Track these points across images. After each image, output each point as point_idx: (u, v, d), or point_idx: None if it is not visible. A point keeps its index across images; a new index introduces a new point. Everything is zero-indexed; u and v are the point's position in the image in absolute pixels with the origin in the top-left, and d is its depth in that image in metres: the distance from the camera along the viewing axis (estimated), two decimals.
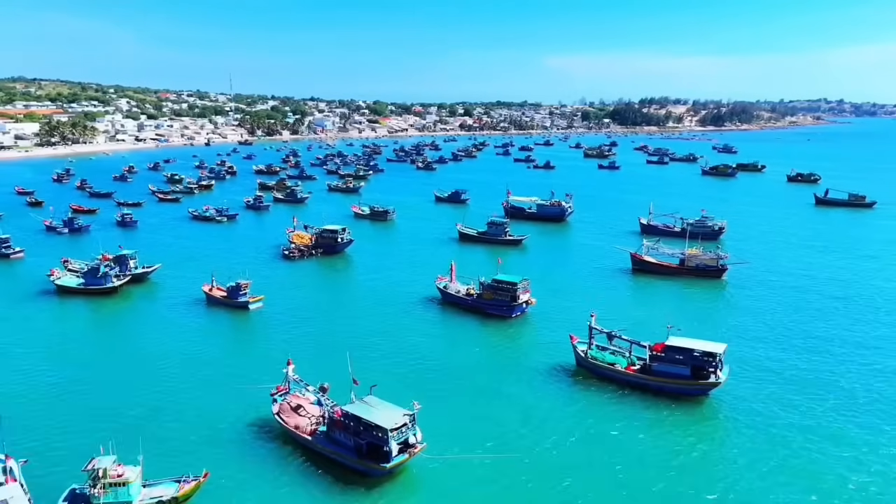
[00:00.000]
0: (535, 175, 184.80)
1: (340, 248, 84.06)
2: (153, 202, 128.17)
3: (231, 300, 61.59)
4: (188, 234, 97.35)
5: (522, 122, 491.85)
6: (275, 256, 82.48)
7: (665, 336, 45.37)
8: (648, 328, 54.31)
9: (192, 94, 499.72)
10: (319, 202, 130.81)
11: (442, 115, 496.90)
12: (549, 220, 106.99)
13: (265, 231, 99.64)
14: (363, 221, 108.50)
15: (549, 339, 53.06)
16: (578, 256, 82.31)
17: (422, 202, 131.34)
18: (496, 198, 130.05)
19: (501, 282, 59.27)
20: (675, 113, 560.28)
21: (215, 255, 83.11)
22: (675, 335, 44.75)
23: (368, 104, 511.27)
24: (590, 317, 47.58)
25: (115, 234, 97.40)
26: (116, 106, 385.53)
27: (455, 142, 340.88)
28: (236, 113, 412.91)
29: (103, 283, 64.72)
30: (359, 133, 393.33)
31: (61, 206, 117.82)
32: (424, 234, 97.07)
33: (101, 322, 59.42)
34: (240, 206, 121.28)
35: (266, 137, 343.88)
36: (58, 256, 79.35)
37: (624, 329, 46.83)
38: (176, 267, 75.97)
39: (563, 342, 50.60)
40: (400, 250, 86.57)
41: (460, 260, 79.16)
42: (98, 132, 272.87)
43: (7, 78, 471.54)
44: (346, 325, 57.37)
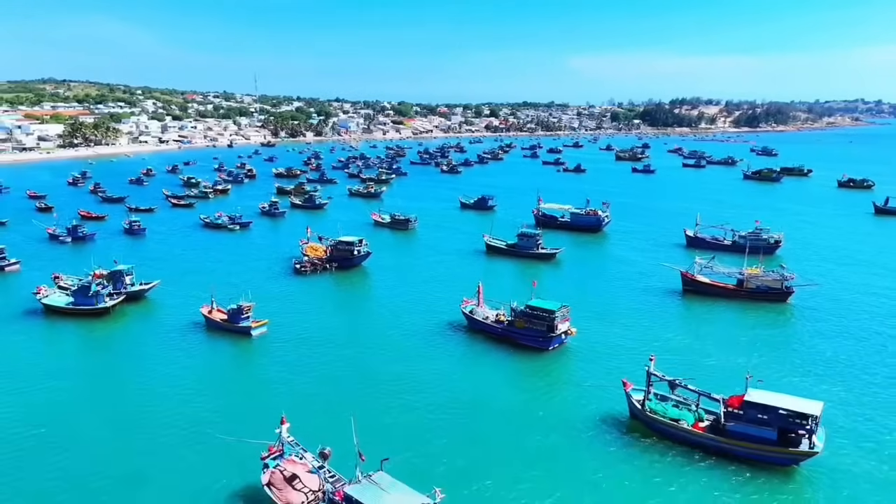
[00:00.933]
0: (565, 179, 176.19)
1: (357, 261, 77.05)
2: (166, 207, 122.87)
3: (232, 325, 54.86)
4: (197, 243, 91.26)
5: (550, 124, 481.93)
6: (286, 270, 75.76)
7: (738, 383, 37.25)
8: (709, 366, 46.21)
9: (219, 95, 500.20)
10: (339, 208, 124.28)
11: (467, 116, 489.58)
12: (583, 231, 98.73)
13: (278, 241, 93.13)
14: (383, 230, 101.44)
15: (593, 379, 45.16)
16: (620, 274, 73.99)
17: (446, 209, 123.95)
18: (525, 204, 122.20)
19: (537, 308, 51.53)
20: (708, 114, 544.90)
21: (222, 268, 76.73)
22: (756, 387, 36.53)
23: (393, 105, 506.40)
24: (648, 360, 39.50)
25: (122, 243, 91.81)
26: (143, 107, 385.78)
27: (481, 143, 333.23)
28: (261, 114, 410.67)
29: (94, 303, 58.48)
30: (383, 134, 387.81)
31: (71, 211, 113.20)
32: (448, 246, 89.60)
33: (85, 350, 53.02)
34: (255, 212, 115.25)
35: (289, 139, 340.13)
36: (56, 268, 73.75)
37: (691, 379, 38.64)
38: (178, 282, 69.69)
39: (611, 385, 42.78)
40: (421, 264, 79.21)
41: (488, 276, 71.61)
42: (121, 133, 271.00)
43: (37, 79, 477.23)
44: (358, 356, 50.16)
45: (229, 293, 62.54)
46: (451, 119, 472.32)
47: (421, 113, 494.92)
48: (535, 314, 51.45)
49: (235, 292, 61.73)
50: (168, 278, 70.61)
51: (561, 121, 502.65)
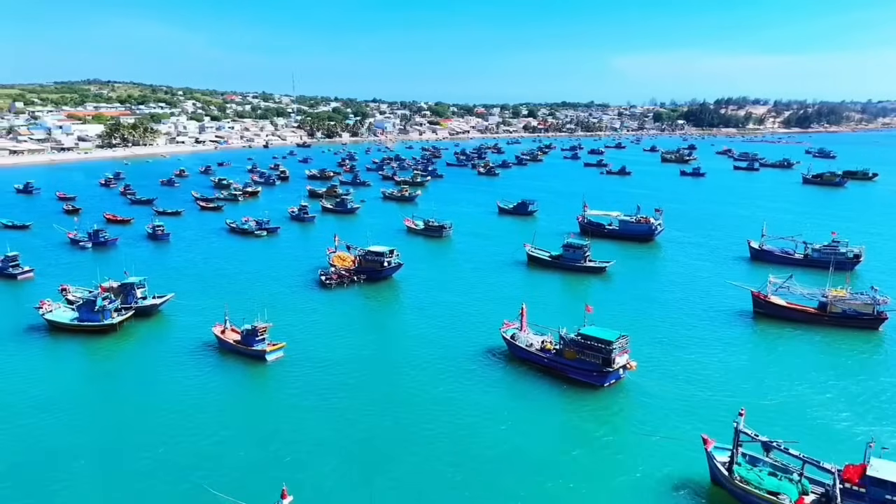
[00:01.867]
0: (609, 182, 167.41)
1: (387, 273, 70.90)
2: (194, 210, 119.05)
3: (245, 347, 49.20)
4: (220, 250, 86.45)
5: (590, 124, 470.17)
6: (310, 282, 70.05)
7: (846, 445, 29.67)
8: (804, 416, 38.41)
9: (257, 95, 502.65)
10: (371, 213, 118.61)
11: (505, 117, 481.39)
12: (633, 240, 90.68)
13: (306, 248, 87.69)
14: (416, 238, 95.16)
15: (660, 427, 37.89)
16: (680, 292, 66.05)
17: (483, 214, 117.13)
18: (568, 210, 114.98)
19: (591, 337, 44.46)
20: (756, 114, 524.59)
21: (244, 278, 71.47)
22: (880, 455, 28.88)
23: (430, 105, 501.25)
24: (737, 415, 32.03)
25: (143, 248, 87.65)
26: (182, 108, 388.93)
27: (519, 144, 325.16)
28: (298, 114, 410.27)
29: (99, 319, 53.60)
30: (419, 135, 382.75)
31: (98, 213, 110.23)
32: (486, 256, 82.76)
33: (84, 375, 47.92)
34: (284, 216, 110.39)
35: (325, 140, 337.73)
36: (72, 276, 69.70)
37: (795, 442, 31.04)
38: (195, 295, 64.62)
39: (684, 438, 35.55)
40: (456, 277, 72.56)
41: (530, 293, 64.71)
42: (158, 134, 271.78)
43: (82, 80, 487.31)
44: (383, 388, 43.86)
45: (247, 308, 57.19)
46: (488, 119, 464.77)
47: (458, 113, 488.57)
48: (588, 344, 44.40)
49: (253, 308, 56.31)
50: (185, 290, 65.71)
51: (601, 121, 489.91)
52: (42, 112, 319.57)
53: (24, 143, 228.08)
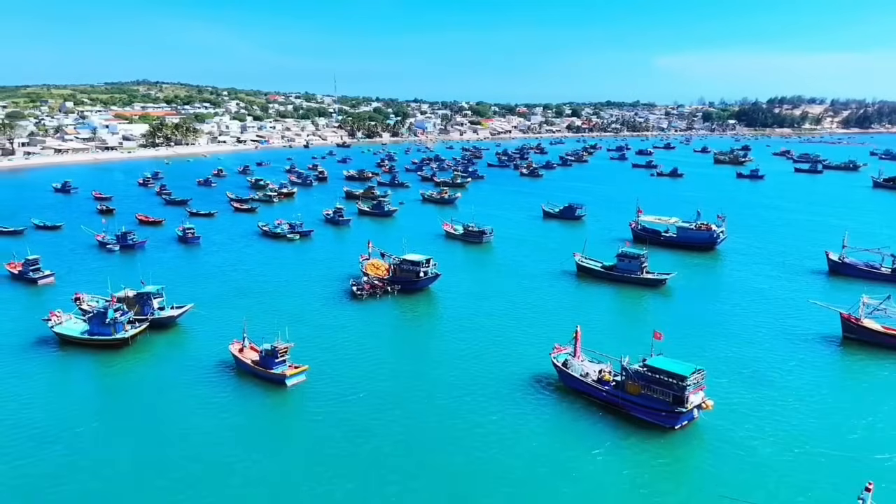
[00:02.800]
0: (660, 185, 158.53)
1: (423, 284, 65.22)
2: (228, 212, 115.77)
3: (264, 370, 44.15)
4: (250, 255, 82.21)
5: (636, 124, 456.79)
6: (341, 293, 64.85)
7: None
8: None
9: (300, 96, 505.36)
10: (409, 215, 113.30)
11: (548, 116, 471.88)
12: (692, 249, 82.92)
13: (339, 254, 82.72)
14: (455, 243, 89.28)
15: (750, 488, 31.08)
16: (752, 312, 58.43)
17: (526, 218, 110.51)
18: (617, 215, 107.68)
19: (660, 371, 37.86)
20: (812, 113, 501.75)
21: (271, 288, 66.77)
22: None
23: (471, 105, 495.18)
24: (863, 491, 25.05)
25: (172, 252, 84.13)
26: (226, 108, 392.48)
27: (562, 144, 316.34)
28: (339, 115, 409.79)
29: (110, 332, 49.39)
30: (460, 135, 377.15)
31: (132, 214, 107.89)
32: (531, 265, 76.31)
33: (90, 397, 43.49)
34: (318, 219, 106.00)
35: (366, 140, 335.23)
36: (95, 281, 66.21)
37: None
38: (217, 304, 60.17)
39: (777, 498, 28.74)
40: (499, 290, 66.32)
41: (582, 308, 58.16)
42: (201, 134, 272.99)
43: (132, 81, 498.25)
44: (415, 420, 38.19)
45: (271, 322, 52.64)
46: (530, 119, 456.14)
47: (499, 113, 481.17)
48: (657, 378, 37.81)
49: (277, 321, 51.79)
50: (208, 299, 61.44)
51: (648, 121, 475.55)
52: (91, 112, 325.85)
53: (69, 142, 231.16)
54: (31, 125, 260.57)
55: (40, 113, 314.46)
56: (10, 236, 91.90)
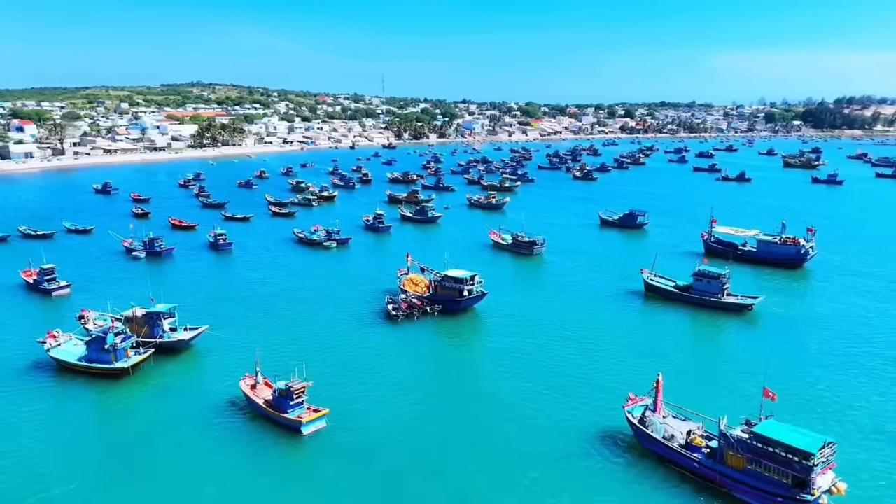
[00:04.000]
0: (726, 190, 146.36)
1: (467, 304, 57.37)
2: (265, 216, 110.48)
3: (277, 412, 37.13)
4: (282, 266, 76.01)
5: (693, 125, 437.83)
6: (375, 313, 57.59)
7: None
8: None
9: (349, 97, 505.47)
10: (454, 222, 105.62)
11: (599, 117, 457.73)
12: (775, 266, 72.56)
13: (376, 266, 75.64)
14: (503, 255, 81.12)
15: None
16: (868, 349, 48.33)
17: (581, 226, 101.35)
18: (683, 223, 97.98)
19: (775, 442, 29.01)
20: (885, 114, 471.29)
21: (298, 306, 60.01)
22: None
23: (520, 105, 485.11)
24: None
25: (200, 261, 78.69)
26: (275, 108, 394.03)
27: (616, 146, 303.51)
28: (386, 115, 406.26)
29: (110, 359, 43.32)
30: (508, 136, 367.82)
31: (166, 218, 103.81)
32: (590, 283, 67.52)
33: (80, 437, 37.17)
34: (358, 225, 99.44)
35: (412, 141, 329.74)
36: (115, 293, 60.97)
37: None
38: (237, 324, 53.80)
39: None
40: (554, 312, 57.83)
41: (654, 338, 49.28)
42: (248, 134, 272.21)
43: (187, 83, 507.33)
44: (457, 485, 30.42)
45: (294, 347, 46.11)
46: (581, 120, 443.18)
47: (549, 113, 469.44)
48: (769, 452, 28.95)
49: (300, 347, 44.98)
50: (228, 318, 55.25)
51: (706, 122, 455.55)
52: (145, 113, 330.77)
53: (119, 142, 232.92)
54: (85, 125, 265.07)
55: (96, 114, 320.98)
56: (39, 240, 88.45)
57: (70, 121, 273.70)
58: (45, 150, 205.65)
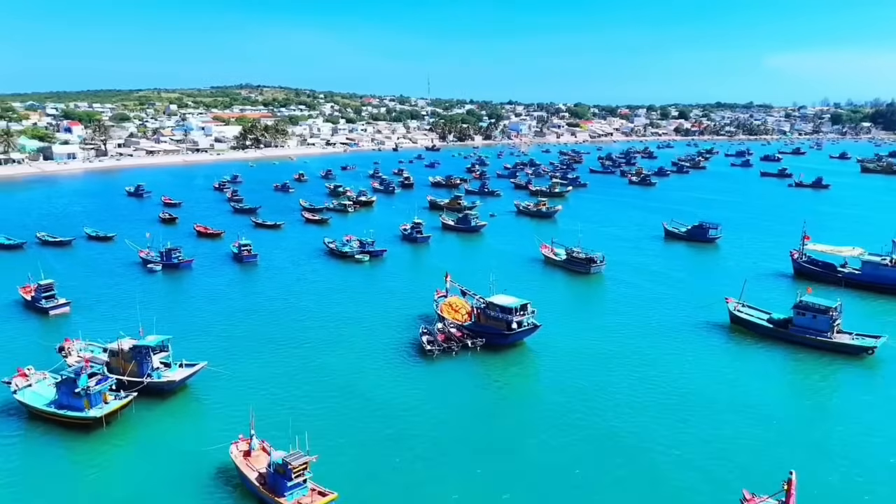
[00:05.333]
0: (802, 198, 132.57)
1: (516, 338, 48.07)
2: (297, 223, 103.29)
3: (272, 495, 28.68)
4: (308, 283, 68.09)
5: (752, 126, 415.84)
6: (406, 345, 48.84)
7: None
8: None
9: (394, 98, 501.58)
10: (499, 231, 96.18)
11: (652, 118, 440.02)
12: (884, 292, 60.75)
13: (411, 284, 66.97)
14: (555, 273, 71.38)
15: None
16: None
17: (642, 238, 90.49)
18: (763, 237, 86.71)
19: None
20: None
21: (321, 333, 51.78)
22: None
23: (569, 107, 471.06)
24: None
25: (220, 275, 71.49)
26: (321, 110, 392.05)
27: (671, 148, 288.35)
28: (431, 117, 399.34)
29: (82, 406, 35.77)
30: (556, 138, 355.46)
31: (197, 221, 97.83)
32: (659, 311, 57.18)
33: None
34: (395, 234, 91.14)
35: (457, 143, 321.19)
36: (117, 314, 54.28)
37: None
38: (244, 358, 45.88)
39: None
40: (619, 350, 47.89)
41: (756, 398, 38.62)
42: (290, 136, 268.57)
43: (236, 85, 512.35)
44: None
45: (305, 392, 37.73)
46: (633, 121, 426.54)
47: (599, 115, 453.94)
48: None
49: (312, 392, 36.63)
50: (236, 348, 47.50)
51: (766, 123, 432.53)
52: (192, 114, 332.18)
53: (162, 143, 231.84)
54: (132, 127, 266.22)
55: (145, 115, 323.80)
56: (57, 247, 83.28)
57: (118, 122, 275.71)
58: (88, 151, 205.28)
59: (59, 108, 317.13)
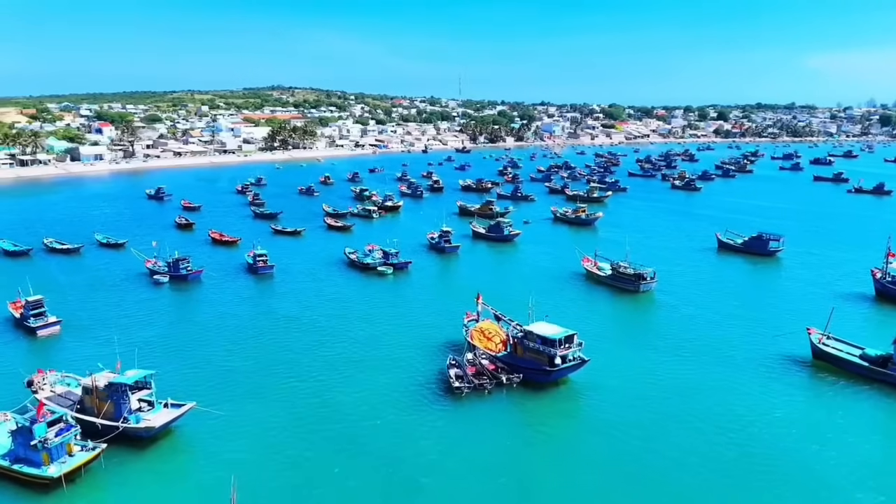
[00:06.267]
0: (863, 205, 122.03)
1: (559, 375, 40.90)
2: (319, 230, 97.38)
3: None
4: (325, 300, 61.72)
5: (797, 128, 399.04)
6: (430, 381, 42.03)
7: None
8: None
9: (425, 100, 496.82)
10: (535, 240, 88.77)
11: (690, 119, 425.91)
12: None
13: (438, 302, 60.19)
14: (600, 291, 63.77)
15: None
16: None
17: (693, 250, 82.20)
18: (831, 251, 77.89)
19: None
20: None
21: (332, 365, 45.37)
22: None
23: (603, 108, 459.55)
24: None
25: (233, 288, 65.53)
26: (351, 112, 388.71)
27: (712, 150, 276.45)
28: (462, 118, 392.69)
29: (39, 460, 29.87)
30: (591, 139, 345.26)
31: (215, 227, 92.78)
32: (722, 339, 49.34)
33: None
34: (421, 243, 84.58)
35: (488, 144, 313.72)
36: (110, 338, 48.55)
37: None
38: (240, 397, 39.62)
39: None
40: (679, 388, 40.41)
41: (853, 442, 30.70)
42: (319, 137, 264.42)
43: (268, 86, 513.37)
44: None
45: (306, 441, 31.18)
46: (670, 122, 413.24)
47: (634, 116, 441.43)
48: None
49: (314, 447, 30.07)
50: (234, 383, 41.39)
51: (811, 125, 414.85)
52: (222, 115, 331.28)
53: (189, 145, 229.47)
54: (163, 128, 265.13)
55: (177, 116, 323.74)
56: (64, 255, 78.72)
57: (149, 123, 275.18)
58: (116, 153, 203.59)
59: (93, 109, 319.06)
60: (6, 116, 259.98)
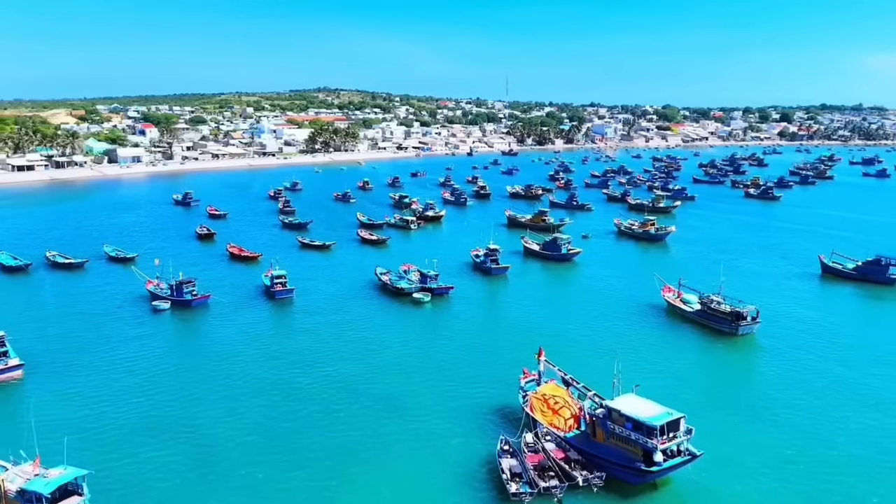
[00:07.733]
0: None
1: (659, 475, 28.99)
2: (352, 243, 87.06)
3: None
4: (349, 334, 51.25)
5: (869, 130, 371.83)
6: (473, 475, 30.73)
7: None
8: None
9: (471, 101, 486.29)
10: (597, 261, 76.25)
11: (750, 121, 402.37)
12: None
13: (486, 347, 48.67)
14: (685, 330, 51.20)
15: None
16: None
17: (793, 275, 68.51)
18: None
19: None
20: None
21: (344, 449, 34.63)
22: None
23: (656, 109, 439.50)
24: None
25: (245, 318, 55.51)
26: (395, 113, 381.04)
27: (779, 154, 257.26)
28: (508, 120, 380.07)
29: None
30: (646, 142, 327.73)
31: (239, 238, 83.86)
32: (863, 414, 36.52)
33: None
34: (464, 262, 73.39)
35: (536, 147, 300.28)
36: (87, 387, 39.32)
37: None
38: (222, 487, 29.19)
39: None
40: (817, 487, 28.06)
41: None
42: (361, 140, 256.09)
43: (314, 88, 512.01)
44: None
45: None
46: (729, 124, 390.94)
47: (690, 117, 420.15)
48: None
49: None
50: (219, 466, 30.96)
51: (883, 127, 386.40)
52: (266, 117, 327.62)
53: (229, 147, 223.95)
54: (206, 130, 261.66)
55: (222, 118, 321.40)
56: (66, 270, 70.53)
57: (194, 125, 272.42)
58: (154, 155, 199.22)
59: (140, 110, 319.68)
60: (56, 118, 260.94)
